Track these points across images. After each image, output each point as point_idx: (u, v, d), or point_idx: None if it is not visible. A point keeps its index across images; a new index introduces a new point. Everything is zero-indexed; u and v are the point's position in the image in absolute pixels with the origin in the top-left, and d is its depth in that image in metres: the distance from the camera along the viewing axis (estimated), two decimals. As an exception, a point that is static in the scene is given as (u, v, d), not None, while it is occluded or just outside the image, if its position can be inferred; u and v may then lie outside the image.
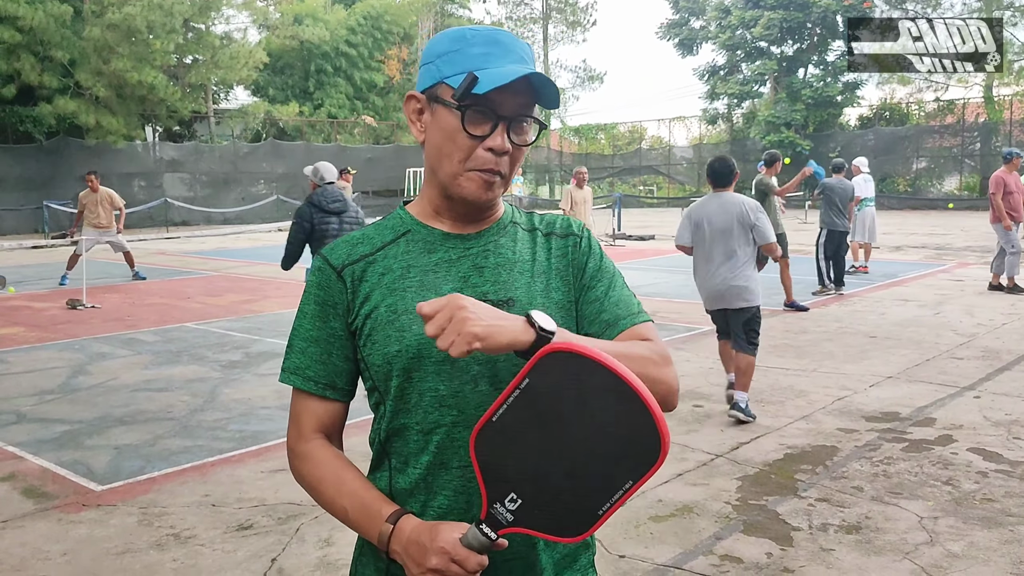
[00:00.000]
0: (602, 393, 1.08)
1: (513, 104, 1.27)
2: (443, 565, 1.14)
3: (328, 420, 1.38)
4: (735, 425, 5.55)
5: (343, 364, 1.36)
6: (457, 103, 1.26)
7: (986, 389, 6.38)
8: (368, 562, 1.39)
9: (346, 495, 1.31)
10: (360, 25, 34.36)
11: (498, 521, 1.14)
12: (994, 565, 3.54)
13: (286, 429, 1.42)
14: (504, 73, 1.24)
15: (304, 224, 6.22)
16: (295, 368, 1.37)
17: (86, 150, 25.71)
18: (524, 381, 1.11)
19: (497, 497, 1.14)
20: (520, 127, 1.29)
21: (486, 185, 1.29)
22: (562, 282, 1.38)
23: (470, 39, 1.28)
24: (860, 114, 37.08)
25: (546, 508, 1.12)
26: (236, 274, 14.79)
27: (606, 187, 40.11)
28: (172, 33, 24.87)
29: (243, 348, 8.20)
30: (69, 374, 7.20)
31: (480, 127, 1.26)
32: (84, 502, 4.35)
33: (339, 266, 1.35)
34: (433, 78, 1.31)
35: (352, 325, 1.34)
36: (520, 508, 1.13)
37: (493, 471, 1.15)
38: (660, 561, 3.62)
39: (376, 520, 1.26)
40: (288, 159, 30.88)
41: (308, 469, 1.35)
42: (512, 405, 1.12)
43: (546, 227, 1.43)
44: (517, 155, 1.31)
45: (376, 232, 1.39)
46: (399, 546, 1.21)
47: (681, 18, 40.52)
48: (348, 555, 3.70)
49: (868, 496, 4.33)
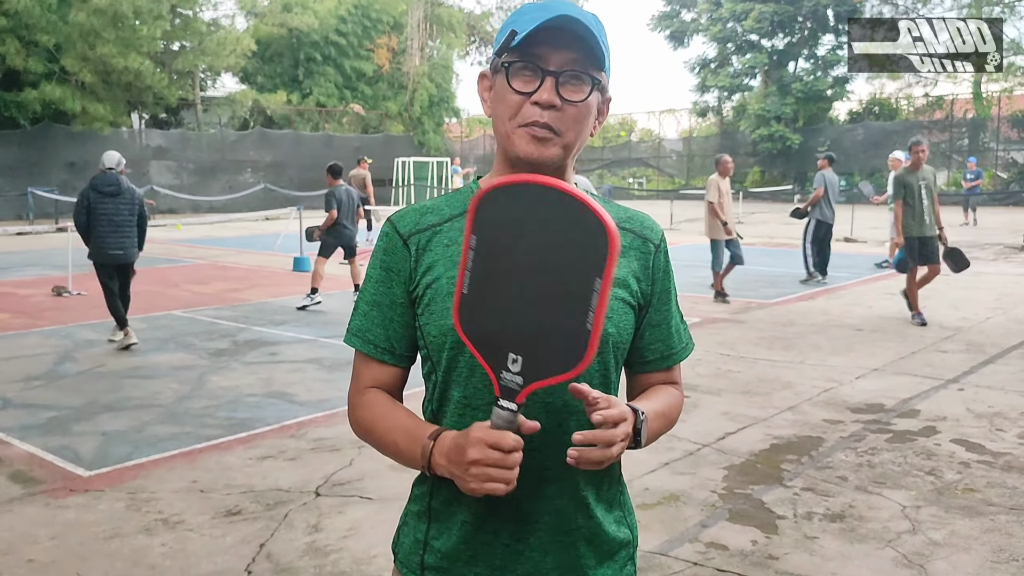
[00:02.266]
0: (538, 210, 1.09)
1: (560, 58, 1.24)
2: (480, 454, 1.14)
3: (386, 381, 1.40)
4: (721, 415, 5.58)
5: (403, 330, 1.37)
6: (501, 60, 1.26)
7: (970, 382, 6.45)
8: (409, 532, 1.41)
9: (396, 429, 1.33)
10: (350, 13, 34.15)
11: (511, 389, 1.14)
12: (975, 553, 3.59)
13: (273, 417, 1.44)
14: (538, 20, 1.22)
15: (83, 204, 7.39)
16: (357, 330, 1.39)
17: (71, 137, 25.50)
18: (473, 239, 1.13)
19: (501, 366, 1.14)
20: (572, 85, 1.26)
21: (536, 141, 1.27)
22: (634, 279, 1.37)
23: (527, 8, 1.28)
24: (850, 108, 37.25)
25: (544, 350, 1.12)
26: (223, 262, 14.73)
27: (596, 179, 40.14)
28: (159, 19, 24.66)
29: (230, 336, 8.19)
30: (56, 361, 7.17)
31: (528, 83, 1.25)
32: (72, 487, 4.35)
33: (406, 233, 1.36)
34: (493, 52, 1.32)
35: (413, 293, 1.35)
36: (524, 364, 1.13)
37: (486, 341, 1.16)
38: (646, 548, 3.65)
39: (419, 441, 1.27)
40: (276, 148, 30.73)
41: (362, 414, 1.39)
42: (473, 268, 1.14)
43: (623, 221, 1.40)
44: (572, 113, 1.27)
45: (447, 203, 1.39)
46: (442, 458, 1.22)
47: (672, 10, 40.50)
48: (336, 541, 3.74)
49: (852, 486, 4.37)
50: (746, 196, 30.04)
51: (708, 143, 39.67)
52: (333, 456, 4.77)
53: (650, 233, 1.42)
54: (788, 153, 35.01)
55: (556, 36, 1.23)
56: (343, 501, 4.17)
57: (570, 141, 1.29)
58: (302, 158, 30.52)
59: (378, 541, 3.68)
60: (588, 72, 1.27)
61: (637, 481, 4.38)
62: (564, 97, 1.25)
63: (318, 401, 5.88)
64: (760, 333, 8.23)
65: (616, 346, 1.34)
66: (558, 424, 1.29)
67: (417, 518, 1.39)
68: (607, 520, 1.38)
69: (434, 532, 1.36)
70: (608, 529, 1.38)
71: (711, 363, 7.00)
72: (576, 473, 1.31)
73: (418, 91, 35.07)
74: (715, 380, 6.50)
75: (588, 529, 1.35)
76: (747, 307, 9.79)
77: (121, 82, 25.22)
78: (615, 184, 36.56)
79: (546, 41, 1.23)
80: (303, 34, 32.88)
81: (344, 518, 3.97)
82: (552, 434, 1.28)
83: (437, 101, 36.05)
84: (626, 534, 1.42)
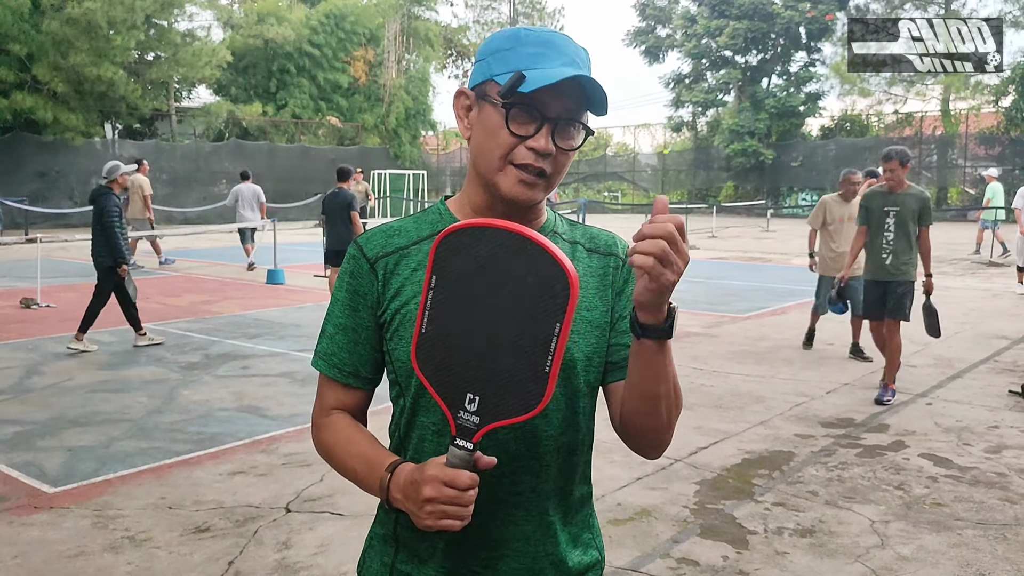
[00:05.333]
0: (499, 254, 1.10)
1: (560, 106, 1.24)
2: (435, 492, 1.14)
3: (351, 404, 1.40)
4: (693, 430, 5.61)
5: (369, 354, 1.37)
6: (503, 101, 1.24)
7: (938, 396, 6.53)
8: (375, 556, 1.41)
9: (355, 456, 1.32)
10: (322, 25, 34.05)
11: (468, 429, 1.15)
12: (942, 568, 3.63)
13: (244, 432, 1.43)
14: (552, 74, 1.21)
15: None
16: (323, 353, 1.39)
17: (43, 146, 25.16)
18: (432, 280, 1.14)
19: (458, 405, 1.15)
20: (567, 131, 1.27)
21: (525, 185, 1.27)
22: (600, 301, 1.37)
23: (524, 39, 1.27)
24: (822, 124, 37.73)
25: (501, 391, 1.13)
26: (196, 274, 14.60)
27: (571, 193, 40.30)
28: (133, 29, 24.43)
29: (202, 349, 8.10)
30: (22, 374, 7.05)
31: (524, 127, 1.25)
32: (36, 504, 4.27)
33: (373, 257, 1.35)
34: (483, 75, 1.29)
35: (381, 318, 1.34)
36: (481, 404, 1.14)
37: (443, 381, 1.16)
38: (618, 564, 3.65)
39: (378, 472, 1.27)
40: (252, 159, 30.52)
41: (324, 437, 1.39)
42: (431, 308, 1.15)
43: (588, 242, 1.42)
44: (562, 159, 1.28)
45: (414, 225, 1.39)
46: (398, 492, 1.22)
47: (648, 26, 40.86)
48: (306, 558, 3.70)
49: (822, 500, 4.41)
50: (719, 211, 30.30)
51: (682, 157, 39.99)
52: (304, 472, 4.73)
53: (615, 248, 1.42)
54: (761, 168, 35.39)
55: (562, 86, 1.22)
56: (314, 517, 4.13)
57: (554, 182, 1.30)
58: (277, 170, 30.37)
59: (348, 558, 3.65)
60: (582, 122, 1.28)
61: (609, 496, 4.39)
62: (558, 144, 1.26)
63: (290, 416, 5.83)
64: (732, 347, 8.28)
65: (586, 370, 1.34)
66: (527, 449, 1.29)
67: (384, 541, 1.39)
68: (574, 545, 1.38)
69: (402, 557, 1.35)
70: (574, 553, 1.38)
71: (683, 377, 7.02)
72: (545, 498, 1.32)
73: (394, 104, 35.06)
74: (687, 394, 6.52)
75: (556, 555, 1.35)
76: (719, 321, 9.86)
77: (94, 92, 24.94)
78: (591, 198, 36.70)
79: (550, 88, 1.22)
80: (277, 45, 32.76)
81: (314, 534, 3.93)
82: (521, 460, 1.28)
83: (414, 114, 36.06)
84: (594, 556, 1.42)
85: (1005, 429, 5.66)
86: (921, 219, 6.31)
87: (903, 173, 6.30)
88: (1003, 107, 31.41)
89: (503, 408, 1.13)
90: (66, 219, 24.13)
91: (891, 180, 6.32)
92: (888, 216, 6.35)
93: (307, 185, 29.34)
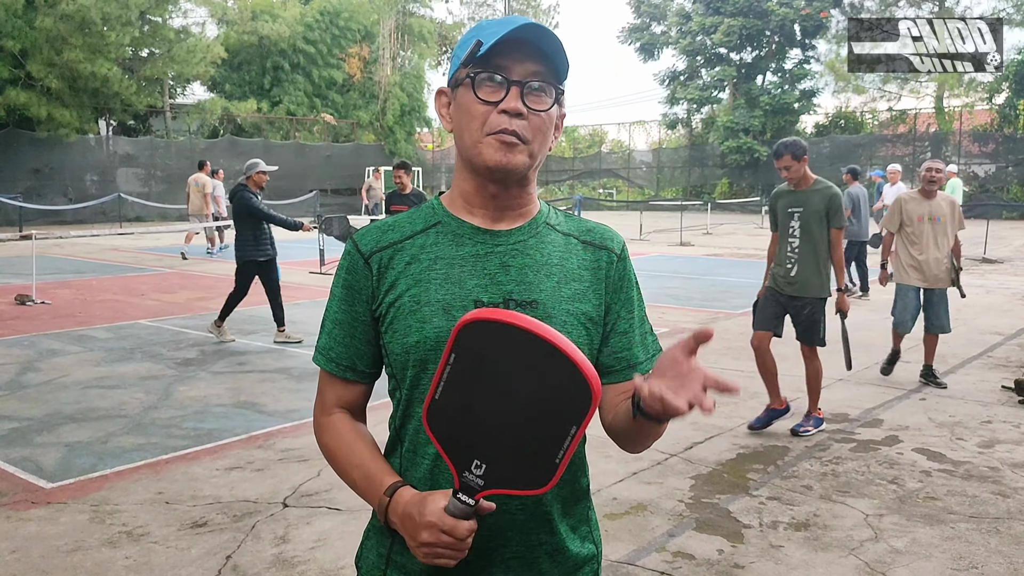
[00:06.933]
0: (523, 354, 1.12)
1: (523, 69, 1.27)
2: (433, 538, 1.17)
3: (350, 399, 1.42)
4: (688, 425, 5.63)
5: (366, 348, 1.39)
6: (467, 71, 1.28)
7: (931, 391, 6.57)
8: (372, 547, 1.43)
9: (355, 466, 1.35)
10: (317, 22, 34.01)
11: (471, 487, 1.17)
12: (935, 561, 3.66)
13: (241, 427, 1.45)
14: (506, 32, 1.25)
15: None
16: (322, 348, 1.42)
17: (36, 143, 25.11)
18: (451, 356, 1.15)
19: (464, 466, 1.17)
20: (536, 95, 1.29)
21: (504, 147, 1.28)
22: (593, 294, 1.38)
23: (486, 24, 1.30)
24: (816, 122, 37.79)
25: (510, 466, 1.15)
26: (191, 271, 14.58)
27: (566, 189, 40.31)
28: (127, 25, 24.38)
29: (198, 346, 8.11)
30: (18, 371, 7.05)
31: (493, 93, 1.28)
32: (33, 500, 4.28)
33: (367, 252, 1.37)
34: (453, 67, 1.33)
35: (376, 311, 1.36)
36: (487, 471, 1.16)
37: (453, 443, 1.18)
38: (614, 558, 3.67)
39: (376, 491, 1.30)
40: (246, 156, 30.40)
41: (326, 440, 1.41)
42: (448, 380, 1.16)
43: (583, 234, 1.43)
44: (537, 123, 1.30)
45: (408, 220, 1.41)
46: (396, 518, 1.25)
47: (642, 23, 40.84)
48: (303, 552, 3.72)
49: (817, 495, 4.43)
50: (714, 207, 30.33)
51: (677, 154, 40.01)
52: (301, 467, 4.75)
53: (611, 243, 1.44)
54: (756, 165, 35.41)
55: (520, 48, 1.26)
56: (311, 512, 4.14)
57: (535, 150, 1.31)
58: (272, 167, 30.32)
59: (346, 552, 3.66)
60: (550, 83, 1.30)
61: (605, 491, 4.41)
62: (529, 107, 1.28)
63: (287, 411, 5.84)
64: (727, 343, 8.30)
65: None
66: None
67: (380, 533, 1.40)
68: (571, 536, 1.40)
69: (398, 548, 1.36)
70: (572, 545, 1.39)
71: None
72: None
73: (389, 101, 35.04)
74: (683, 390, 6.54)
75: (551, 545, 1.36)
76: (715, 318, 9.88)
77: (88, 88, 24.88)
78: (586, 195, 36.71)
79: (510, 53, 1.26)
80: (272, 42, 32.70)
81: (312, 529, 3.95)
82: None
83: (409, 111, 36.04)
84: (591, 549, 1.44)
85: (998, 424, 5.70)
86: (830, 220, 5.35)
87: (801, 167, 5.35)
88: (997, 104, 31.52)
89: (508, 479, 1.16)
90: (60, 216, 24.10)
91: (789, 178, 5.42)
92: (792, 219, 5.47)
93: (302, 182, 29.32)
